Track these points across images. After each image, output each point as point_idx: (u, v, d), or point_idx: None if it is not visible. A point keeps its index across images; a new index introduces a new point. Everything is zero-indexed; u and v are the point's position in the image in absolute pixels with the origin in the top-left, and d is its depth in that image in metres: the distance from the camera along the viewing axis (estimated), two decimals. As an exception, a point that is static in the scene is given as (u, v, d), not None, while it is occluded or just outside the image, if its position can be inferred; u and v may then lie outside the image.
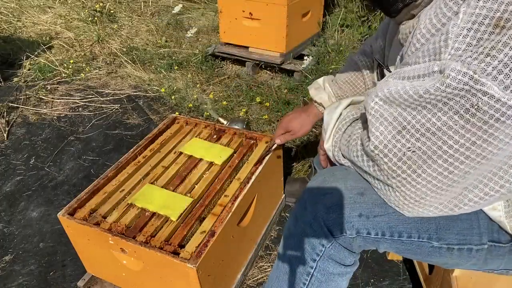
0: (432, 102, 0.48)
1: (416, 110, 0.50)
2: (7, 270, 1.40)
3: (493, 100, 0.43)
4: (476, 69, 0.43)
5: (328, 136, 0.82)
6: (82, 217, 1.06)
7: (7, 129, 2.17)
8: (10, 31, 3.38)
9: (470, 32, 0.45)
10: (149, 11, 3.81)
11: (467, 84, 0.43)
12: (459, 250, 0.74)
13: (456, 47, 0.46)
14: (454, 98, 0.45)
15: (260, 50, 2.59)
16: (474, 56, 0.43)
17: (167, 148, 1.34)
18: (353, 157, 0.71)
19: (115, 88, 2.59)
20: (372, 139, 0.59)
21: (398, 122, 0.53)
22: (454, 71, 0.45)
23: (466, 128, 0.46)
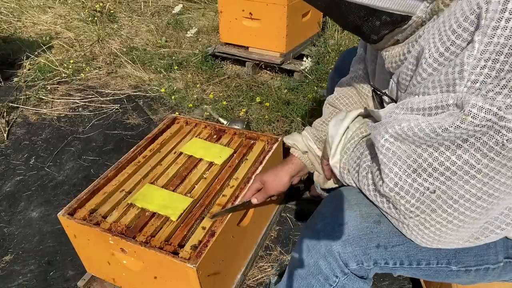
0: (450, 139, 0.45)
1: (432, 147, 0.47)
2: (7, 270, 1.40)
3: None
4: (501, 105, 0.40)
5: (333, 152, 0.77)
6: (82, 217, 1.06)
7: (7, 129, 2.17)
8: (10, 31, 3.38)
9: (488, 63, 0.41)
10: (149, 11, 3.81)
11: (491, 121, 0.41)
12: (476, 270, 0.73)
13: (473, 79, 0.43)
14: (475, 135, 0.43)
15: (260, 50, 2.59)
16: (497, 91, 0.41)
17: (167, 148, 1.34)
18: (364, 190, 0.67)
19: (115, 88, 2.59)
20: (387, 181, 0.54)
21: (413, 160, 0.49)
22: (475, 108, 0.41)
23: (490, 166, 0.43)
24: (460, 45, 0.44)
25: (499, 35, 0.40)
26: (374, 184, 0.62)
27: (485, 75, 0.42)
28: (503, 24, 0.40)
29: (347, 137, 0.75)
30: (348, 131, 0.76)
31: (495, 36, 0.40)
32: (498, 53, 0.40)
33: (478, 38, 0.42)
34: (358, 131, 0.75)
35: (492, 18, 0.40)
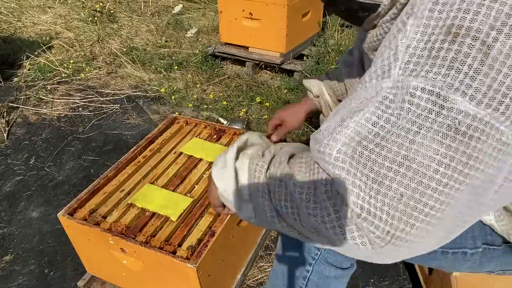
0: (401, 134, 0.40)
1: (385, 149, 0.41)
2: (7, 270, 1.40)
3: (469, 118, 0.37)
4: (442, 84, 0.38)
5: (237, 203, 0.58)
6: (82, 217, 1.06)
7: (7, 129, 2.17)
8: (10, 31, 3.38)
9: (419, 43, 0.40)
10: (149, 11, 3.81)
11: (436, 103, 0.38)
12: (454, 253, 0.74)
13: (406, 60, 0.40)
14: (425, 124, 0.39)
15: (260, 50, 2.59)
16: (435, 70, 0.38)
17: (167, 148, 1.34)
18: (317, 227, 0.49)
19: (115, 88, 2.59)
20: (358, 202, 0.43)
21: (376, 172, 0.42)
22: (417, 89, 0.38)
23: (449, 156, 0.39)
24: (400, 29, 0.43)
25: (427, 16, 0.40)
26: (335, 214, 0.46)
27: (418, 55, 0.40)
28: (430, 6, 0.40)
29: (246, 182, 0.56)
30: (240, 173, 0.57)
31: (424, 17, 0.40)
32: (430, 34, 0.39)
33: (411, 21, 0.41)
34: (258, 163, 0.56)
35: (422, 3, 0.41)
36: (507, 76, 0.36)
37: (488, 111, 0.37)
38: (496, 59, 0.36)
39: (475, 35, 0.37)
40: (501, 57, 0.36)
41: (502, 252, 0.72)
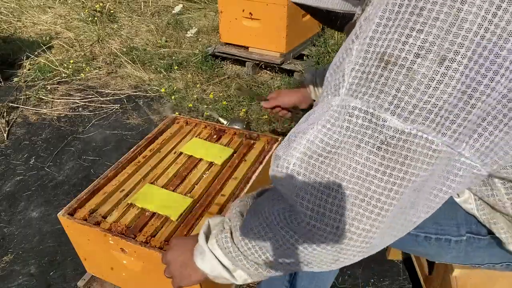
0: (345, 147, 0.47)
1: (333, 160, 0.48)
2: (7, 270, 1.40)
3: (398, 133, 0.44)
4: (375, 105, 0.44)
5: (229, 275, 0.64)
6: (82, 217, 1.06)
7: (7, 129, 2.17)
8: (10, 31, 3.38)
9: (360, 67, 0.46)
10: (149, 11, 3.81)
11: (371, 122, 0.44)
12: (437, 240, 0.74)
13: (350, 82, 0.47)
14: (363, 139, 0.45)
15: (260, 50, 2.59)
16: (370, 93, 0.44)
17: (167, 148, 1.34)
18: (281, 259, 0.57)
19: (115, 88, 2.59)
20: (307, 212, 0.50)
21: (323, 178, 0.49)
22: (356, 110, 0.45)
23: (384, 165, 0.45)
24: (348, 53, 0.49)
25: (368, 43, 0.46)
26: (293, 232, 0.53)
27: (359, 78, 0.46)
28: (371, 34, 0.45)
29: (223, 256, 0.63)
30: (216, 253, 0.63)
31: (365, 44, 0.46)
32: (367, 59, 0.45)
33: (356, 46, 0.47)
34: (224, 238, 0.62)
35: (366, 30, 0.46)
36: (431, 96, 0.42)
37: (414, 125, 0.43)
38: (422, 83, 0.42)
39: (402, 63, 0.43)
40: (425, 80, 0.42)
41: (488, 243, 0.73)
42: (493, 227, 0.69)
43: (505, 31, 0.40)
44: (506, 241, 0.68)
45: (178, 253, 0.71)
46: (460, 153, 0.45)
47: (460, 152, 0.45)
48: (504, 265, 0.77)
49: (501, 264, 0.77)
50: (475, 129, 0.44)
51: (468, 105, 0.42)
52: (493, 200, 0.65)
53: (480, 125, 0.44)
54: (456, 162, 0.46)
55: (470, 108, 0.42)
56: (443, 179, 0.48)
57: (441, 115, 0.43)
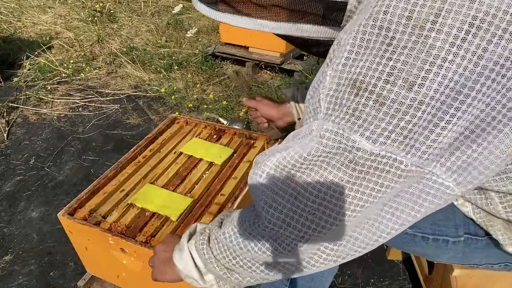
0: (317, 163, 0.50)
1: (305, 174, 0.51)
2: (7, 270, 1.40)
3: (367, 154, 0.46)
4: (345, 128, 0.47)
5: (199, 277, 0.68)
6: (82, 217, 1.06)
7: (7, 129, 2.17)
8: (10, 31, 3.38)
9: (334, 93, 0.48)
10: (149, 11, 3.81)
11: (341, 142, 0.47)
12: (435, 240, 0.75)
13: (325, 107, 0.49)
14: (334, 157, 0.48)
15: (260, 50, 2.59)
16: (341, 116, 0.47)
17: (167, 148, 1.34)
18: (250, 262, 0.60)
19: (115, 88, 2.59)
20: (272, 220, 0.54)
21: (292, 188, 0.52)
22: (328, 131, 0.48)
23: (351, 182, 0.48)
24: (322, 79, 0.52)
25: (340, 70, 0.48)
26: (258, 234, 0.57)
27: (333, 103, 0.48)
28: (343, 61, 0.47)
29: (198, 257, 0.67)
30: (193, 254, 0.68)
31: (337, 70, 0.48)
32: (340, 85, 0.48)
33: (329, 72, 0.49)
34: (200, 241, 0.67)
35: (338, 56, 0.48)
36: (401, 120, 0.43)
37: (383, 147, 0.45)
38: (391, 107, 0.44)
39: (372, 89, 0.44)
40: (395, 105, 0.43)
41: (485, 243, 0.73)
42: (490, 229, 0.69)
43: (475, 55, 0.40)
44: (504, 242, 0.69)
45: (165, 247, 0.76)
46: (431, 172, 0.47)
47: (431, 170, 0.47)
48: (502, 266, 0.77)
49: (499, 265, 0.78)
50: (446, 148, 0.45)
51: (438, 128, 0.43)
52: (487, 208, 0.66)
53: (452, 144, 0.45)
54: (428, 181, 0.48)
55: (441, 130, 0.43)
56: (416, 197, 0.49)
57: (410, 137, 0.44)
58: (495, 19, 0.39)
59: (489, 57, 0.40)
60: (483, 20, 0.40)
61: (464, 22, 0.40)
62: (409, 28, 0.42)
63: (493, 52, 0.40)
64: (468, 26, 0.40)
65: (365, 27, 0.46)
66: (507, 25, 0.39)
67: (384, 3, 0.44)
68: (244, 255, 0.60)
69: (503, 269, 0.79)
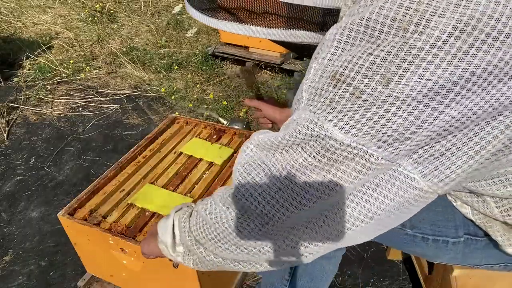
0: (292, 147, 0.52)
1: (279, 153, 0.54)
2: (7, 270, 1.40)
3: (338, 143, 0.47)
4: (320, 117, 0.48)
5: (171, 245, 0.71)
6: (82, 217, 1.06)
7: (7, 129, 2.17)
8: (10, 31, 3.38)
9: (315, 84, 0.50)
10: (149, 11, 3.81)
11: (314, 130, 0.48)
12: (435, 241, 0.75)
13: (306, 97, 0.51)
14: (308, 143, 0.50)
15: (260, 50, 2.59)
16: (318, 106, 0.49)
17: (167, 148, 1.34)
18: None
19: (115, 88, 2.59)
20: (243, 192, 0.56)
21: (266, 164, 0.55)
22: (304, 120, 0.50)
23: (319, 167, 0.50)
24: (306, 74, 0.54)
25: (321, 63, 0.50)
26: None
27: (314, 94, 0.50)
28: (329, 56, 0.49)
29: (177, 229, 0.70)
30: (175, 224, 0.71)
31: (321, 64, 0.50)
32: (322, 77, 0.49)
33: (314, 65, 0.51)
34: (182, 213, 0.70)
35: (324, 51, 0.50)
36: (374, 114, 0.44)
37: (354, 138, 0.46)
38: (366, 101, 0.45)
39: (350, 81, 0.45)
40: (370, 99, 0.44)
41: (485, 244, 0.73)
42: (489, 230, 0.70)
43: (455, 58, 0.41)
44: (503, 243, 0.69)
45: (153, 229, 0.78)
46: (397, 163, 0.48)
47: (398, 162, 0.48)
48: (502, 266, 0.78)
49: (499, 265, 0.78)
50: (417, 145, 0.46)
51: (413, 126, 0.44)
52: (483, 211, 0.66)
53: (423, 141, 0.46)
54: (394, 172, 0.49)
55: (416, 129, 0.44)
56: (381, 188, 0.50)
57: (383, 132, 0.45)
58: (480, 23, 0.40)
59: (470, 61, 0.40)
60: (467, 23, 0.40)
61: (447, 25, 0.40)
62: (393, 29, 0.43)
63: (474, 55, 0.40)
64: (451, 29, 0.40)
65: (351, 24, 0.47)
66: (491, 30, 0.39)
67: (372, 3, 0.45)
68: (213, 227, 0.62)
69: (503, 270, 0.79)
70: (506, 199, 0.61)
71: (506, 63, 0.41)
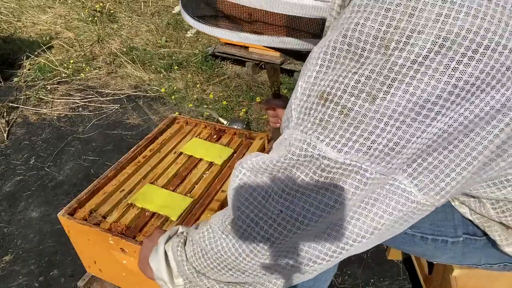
0: (287, 168, 0.51)
1: (275, 176, 0.53)
2: (7, 270, 1.40)
3: (332, 162, 0.47)
4: (312, 137, 0.48)
5: (170, 279, 0.68)
6: (82, 217, 1.06)
7: (7, 129, 2.17)
8: (10, 31, 3.38)
9: (304, 103, 0.50)
10: (149, 11, 3.81)
11: (308, 151, 0.48)
12: (434, 240, 0.75)
13: (296, 116, 0.51)
14: (303, 163, 0.50)
15: (260, 50, 2.59)
16: (309, 126, 0.49)
17: (167, 148, 1.34)
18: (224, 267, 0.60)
19: (115, 88, 2.59)
20: (243, 218, 0.55)
21: (262, 188, 0.55)
22: (296, 140, 0.49)
23: (318, 186, 0.50)
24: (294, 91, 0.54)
25: (308, 81, 0.50)
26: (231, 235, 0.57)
27: (303, 113, 0.50)
28: (314, 74, 0.49)
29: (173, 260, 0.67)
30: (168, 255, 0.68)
31: (306, 82, 0.50)
32: (309, 96, 0.50)
33: (300, 82, 0.51)
34: (176, 243, 0.67)
35: (309, 69, 0.50)
36: (364, 131, 0.45)
37: (347, 156, 0.46)
38: (355, 119, 0.45)
39: (338, 101, 0.46)
40: (358, 117, 0.45)
41: (484, 243, 0.74)
42: (487, 230, 0.70)
43: (437, 72, 0.41)
44: (501, 243, 0.69)
45: (151, 244, 0.76)
46: (393, 178, 0.48)
47: (393, 176, 0.48)
48: (502, 266, 0.78)
49: (498, 265, 0.78)
50: (409, 158, 0.46)
51: (402, 140, 0.44)
52: (479, 211, 0.66)
53: (415, 154, 0.46)
54: (391, 186, 0.49)
55: (405, 143, 0.45)
56: (379, 203, 0.50)
57: (375, 148, 0.45)
58: (458, 37, 0.40)
59: (451, 74, 0.41)
60: (446, 38, 0.40)
61: (426, 41, 0.41)
62: (375, 46, 0.44)
63: (455, 69, 0.41)
64: (430, 45, 0.41)
65: (335, 42, 0.47)
66: (470, 43, 0.40)
67: (353, 21, 0.46)
68: (214, 256, 0.60)
69: (502, 269, 0.79)
70: (502, 201, 0.62)
71: (487, 74, 0.41)
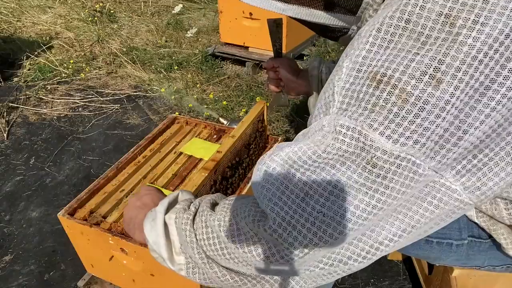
0: (330, 163, 0.45)
1: (315, 173, 0.46)
2: (7, 270, 1.40)
3: (386, 155, 0.42)
4: (364, 124, 0.43)
5: (169, 256, 0.61)
6: (82, 217, 1.06)
7: (7, 129, 2.17)
8: (10, 31, 3.38)
9: (351, 86, 0.45)
10: (149, 11, 3.81)
11: (359, 140, 0.43)
12: (439, 243, 0.74)
13: (340, 100, 0.45)
14: (350, 157, 0.44)
15: (260, 50, 2.59)
16: (360, 112, 0.43)
17: (167, 148, 1.34)
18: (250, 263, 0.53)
19: (115, 88, 2.59)
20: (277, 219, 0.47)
21: (300, 188, 0.46)
22: (344, 128, 0.44)
23: (367, 185, 0.44)
24: (337, 71, 0.49)
25: (356, 61, 0.45)
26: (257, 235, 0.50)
27: (349, 97, 0.45)
28: (364, 54, 0.45)
29: (176, 235, 0.60)
30: (169, 228, 0.60)
31: (355, 62, 0.45)
32: (358, 78, 0.44)
33: (346, 63, 0.46)
34: (184, 218, 0.59)
35: (357, 48, 0.45)
36: (425, 120, 0.40)
37: (404, 148, 0.41)
38: (415, 105, 0.40)
39: (395, 83, 0.41)
40: (419, 103, 0.40)
41: (489, 246, 0.73)
42: (493, 233, 0.69)
43: (503, 56, 0.39)
44: (506, 246, 0.68)
45: (139, 203, 0.69)
46: (440, 174, 0.44)
47: (441, 174, 0.44)
48: (504, 267, 0.78)
49: (501, 267, 0.78)
50: (462, 152, 0.43)
51: (459, 131, 0.41)
52: (491, 212, 0.66)
53: (467, 148, 0.43)
54: (436, 184, 0.45)
55: (462, 134, 0.41)
56: (421, 200, 0.46)
57: (432, 139, 0.41)
58: None
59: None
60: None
61: (498, 21, 0.38)
62: (439, 24, 0.40)
63: None
64: (502, 26, 0.38)
65: (391, 19, 0.43)
66: None
67: None
68: (236, 252, 0.53)
69: (504, 271, 0.79)
70: None
71: None
